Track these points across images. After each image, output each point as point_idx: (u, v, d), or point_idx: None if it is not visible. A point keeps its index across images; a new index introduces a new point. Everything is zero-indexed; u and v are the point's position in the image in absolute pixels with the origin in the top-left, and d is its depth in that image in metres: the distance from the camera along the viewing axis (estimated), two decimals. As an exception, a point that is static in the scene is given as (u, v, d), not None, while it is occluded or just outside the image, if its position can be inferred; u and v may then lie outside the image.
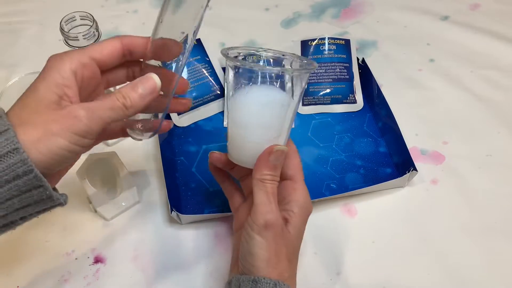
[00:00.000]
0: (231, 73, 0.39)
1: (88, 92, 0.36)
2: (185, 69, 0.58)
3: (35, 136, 0.30)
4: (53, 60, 0.34)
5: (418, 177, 0.53)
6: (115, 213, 0.50)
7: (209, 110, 0.59)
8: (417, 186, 0.53)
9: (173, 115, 0.57)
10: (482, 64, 0.66)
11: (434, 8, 0.75)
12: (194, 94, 0.58)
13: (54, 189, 0.34)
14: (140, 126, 0.38)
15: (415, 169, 0.50)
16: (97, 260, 0.47)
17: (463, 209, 0.51)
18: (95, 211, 0.50)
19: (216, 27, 0.73)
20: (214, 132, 0.58)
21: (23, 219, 0.33)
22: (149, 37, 0.37)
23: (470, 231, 0.49)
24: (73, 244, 0.48)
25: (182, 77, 0.39)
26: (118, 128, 0.40)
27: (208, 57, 0.60)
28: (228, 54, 0.38)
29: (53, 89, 0.32)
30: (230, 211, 0.50)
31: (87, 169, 0.47)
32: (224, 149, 0.55)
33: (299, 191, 0.39)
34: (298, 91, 0.38)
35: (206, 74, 0.59)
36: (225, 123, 0.57)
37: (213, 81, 0.59)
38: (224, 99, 0.59)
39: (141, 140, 0.39)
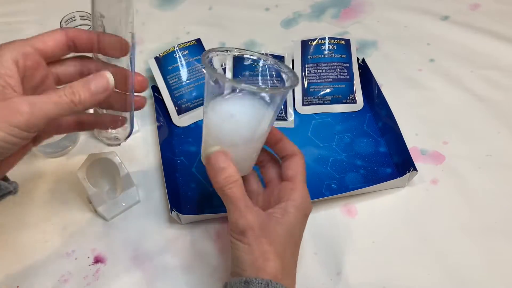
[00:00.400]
0: (210, 83, 0.38)
1: (35, 83, 0.35)
2: (185, 69, 0.58)
3: None
4: None
5: (418, 177, 0.53)
6: (115, 213, 0.50)
7: None
8: (417, 186, 0.53)
9: (173, 115, 0.57)
10: (482, 64, 0.66)
11: (434, 8, 0.75)
12: (194, 94, 0.58)
13: (4, 178, 0.34)
14: (110, 129, 0.39)
15: (415, 169, 0.50)
16: (97, 260, 0.47)
17: (463, 209, 0.51)
18: (95, 211, 0.50)
19: (216, 27, 0.73)
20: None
21: None
22: (94, 31, 0.36)
23: (470, 231, 0.49)
24: (73, 244, 0.48)
25: (139, 74, 0.38)
26: (71, 122, 0.40)
27: None
28: (209, 58, 0.38)
29: None
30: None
31: (87, 168, 0.47)
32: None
33: (296, 191, 0.39)
34: (275, 104, 0.38)
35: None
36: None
37: None
38: None
39: (119, 144, 0.40)
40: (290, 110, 0.59)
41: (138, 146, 0.57)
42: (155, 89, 0.59)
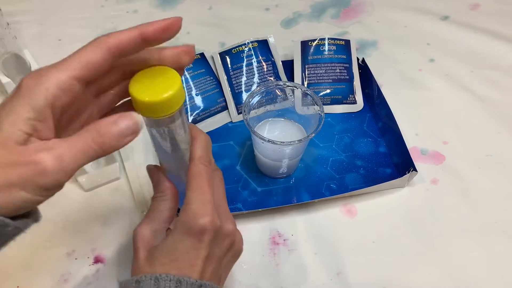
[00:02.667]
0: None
1: (71, 114, 0.31)
2: (190, 83, 0.59)
3: None
4: (26, 84, 0.27)
5: (418, 177, 0.53)
6: (93, 185, 0.52)
7: (216, 121, 0.59)
8: (417, 186, 0.53)
9: None
10: (482, 64, 0.66)
11: (434, 8, 0.75)
12: (200, 107, 0.58)
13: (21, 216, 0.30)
14: None
15: (415, 169, 0.50)
16: (97, 260, 0.47)
17: (463, 209, 0.51)
18: (76, 180, 0.51)
19: (216, 27, 0.73)
20: (214, 132, 0.58)
21: None
22: (138, 27, 0.29)
23: (470, 231, 0.49)
24: (73, 244, 0.48)
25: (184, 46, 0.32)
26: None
27: (212, 70, 0.61)
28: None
29: (20, 127, 0.26)
30: (230, 211, 0.50)
31: None
32: (225, 148, 0.55)
33: (184, 205, 0.34)
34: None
35: (212, 86, 0.59)
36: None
37: (218, 93, 0.59)
38: (229, 111, 0.59)
39: None
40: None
41: (137, 146, 0.57)
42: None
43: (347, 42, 0.62)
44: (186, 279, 0.32)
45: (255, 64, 0.60)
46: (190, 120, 0.58)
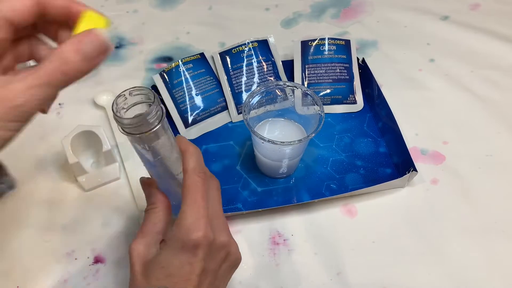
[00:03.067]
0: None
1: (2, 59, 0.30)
2: (190, 83, 0.59)
3: None
4: None
5: (418, 177, 0.53)
6: (93, 185, 0.51)
7: (216, 121, 0.59)
8: (417, 186, 0.53)
9: (180, 128, 0.57)
10: (482, 64, 0.66)
11: (434, 8, 0.75)
12: (200, 106, 0.58)
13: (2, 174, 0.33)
14: None
15: (415, 169, 0.50)
16: (97, 260, 0.47)
17: (463, 209, 0.51)
18: (76, 180, 0.52)
19: (216, 27, 0.73)
20: (214, 131, 0.58)
21: None
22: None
23: (470, 231, 0.49)
24: (73, 244, 0.48)
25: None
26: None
27: (212, 70, 0.61)
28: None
29: None
30: (230, 211, 0.50)
31: (72, 138, 0.50)
32: (225, 148, 0.55)
33: (178, 220, 0.34)
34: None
35: (212, 86, 0.59)
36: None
37: (218, 93, 0.60)
38: (229, 111, 0.59)
39: None
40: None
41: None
42: (155, 89, 0.59)
43: (347, 42, 0.62)
44: None
45: (255, 64, 0.60)
46: (190, 121, 0.58)
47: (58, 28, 0.31)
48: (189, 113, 0.58)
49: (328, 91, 0.60)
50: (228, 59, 0.60)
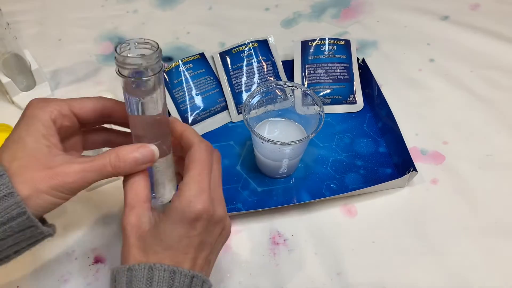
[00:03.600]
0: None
1: (67, 144, 0.38)
2: (190, 83, 0.59)
3: (25, 194, 0.32)
4: (32, 107, 0.35)
5: (418, 177, 0.53)
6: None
7: (216, 121, 0.59)
8: (417, 186, 0.53)
9: None
10: (482, 64, 0.66)
11: (434, 8, 0.75)
12: (200, 106, 0.58)
13: (43, 220, 0.36)
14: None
15: (415, 169, 0.50)
16: (97, 260, 0.47)
17: (463, 209, 0.51)
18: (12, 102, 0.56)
19: (216, 27, 0.73)
20: (214, 131, 0.58)
21: (17, 253, 0.35)
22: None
23: (470, 231, 0.49)
24: (73, 244, 0.48)
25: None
26: (100, 142, 0.42)
27: (212, 70, 0.61)
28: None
29: (41, 141, 0.34)
30: (230, 211, 0.50)
31: (3, 62, 0.54)
32: (225, 148, 0.55)
33: (178, 191, 0.35)
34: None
35: (212, 86, 0.59)
36: None
37: (218, 93, 0.59)
38: (229, 111, 0.59)
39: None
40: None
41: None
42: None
43: (347, 42, 0.62)
44: (180, 269, 0.33)
45: (255, 64, 0.60)
46: (190, 121, 0.58)
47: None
48: (189, 113, 0.58)
49: (328, 91, 0.60)
50: (228, 59, 0.60)
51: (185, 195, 0.34)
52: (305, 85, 0.60)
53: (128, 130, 0.38)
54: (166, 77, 0.58)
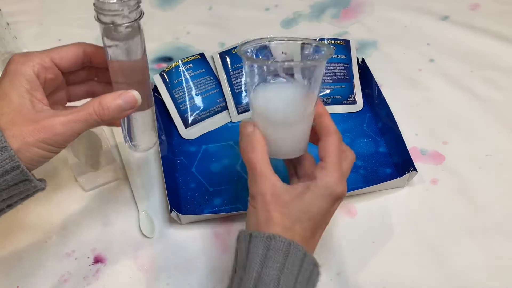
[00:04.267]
0: (248, 70, 0.39)
1: (49, 91, 0.38)
2: (190, 83, 0.59)
3: (15, 148, 0.33)
4: (15, 63, 0.35)
5: (418, 177, 0.53)
6: (93, 185, 0.52)
7: (216, 121, 0.59)
8: (417, 186, 0.53)
9: (180, 128, 0.57)
10: (482, 64, 0.66)
11: (434, 8, 0.75)
12: (200, 106, 0.58)
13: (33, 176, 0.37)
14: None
15: (414, 169, 0.50)
16: (97, 260, 0.47)
17: (463, 209, 0.51)
18: (76, 180, 0.52)
19: (216, 27, 0.73)
20: (214, 132, 0.58)
21: (10, 206, 0.36)
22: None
23: (470, 231, 0.49)
24: (73, 244, 0.48)
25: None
26: (83, 92, 0.43)
27: (212, 70, 0.61)
28: (245, 50, 0.39)
29: (25, 96, 0.34)
30: (230, 211, 0.50)
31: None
32: (225, 149, 0.55)
33: (323, 171, 0.37)
34: (310, 84, 0.39)
35: (212, 86, 0.59)
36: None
37: (218, 93, 0.60)
38: (229, 111, 0.59)
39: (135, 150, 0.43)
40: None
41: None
42: (155, 89, 0.59)
43: (347, 42, 0.62)
44: (310, 255, 0.36)
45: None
46: (190, 121, 0.58)
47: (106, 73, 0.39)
48: (189, 113, 0.58)
49: (328, 91, 0.60)
50: (228, 59, 0.60)
51: (333, 176, 0.37)
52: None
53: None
54: (166, 77, 0.58)
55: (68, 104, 0.42)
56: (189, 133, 0.58)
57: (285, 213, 0.36)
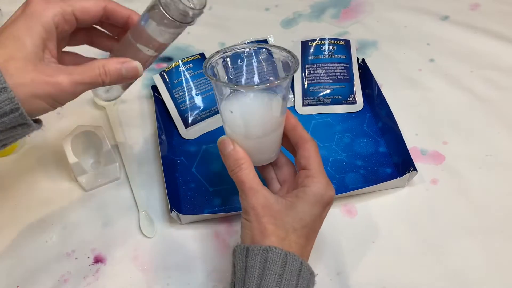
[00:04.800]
0: (215, 85, 0.41)
1: (60, 44, 0.38)
2: (190, 83, 0.59)
3: (21, 96, 0.32)
4: (35, 4, 0.34)
5: (418, 177, 0.53)
6: (93, 185, 0.52)
7: (216, 121, 0.59)
8: (417, 186, 0.53)
9: (181, 128, 0.57)
10: (482, 64, 0.66)
11: (434, 8, 0.75)
12: (201, 106, 0.58)
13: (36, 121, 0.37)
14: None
15: (415, 169, 0.50)
16: (97, 260, 0.47)
17: (463, 209, 0.51)
18: (76, 180, 0.52)
19: (216, 27, 0.73)
20: (214, 132, 0.58)
21: (3, 146, 0.36)
22: (134, 12, 0.40)
23: (470, 231, 0.49)
24: (73, 244, 0.48)
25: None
26: (83, 39, 0.42)
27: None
28: (210, 64, 0.42)
29: (39, 45, 0.33)
30: (230, 211, 0.50)
31: (72, 138, 0.50)
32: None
33: (310, 178, 0.38)
34: (281, 93, 0.40)
35: (211, 86, 0.59)
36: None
37: None
38: None
39: (115, 98, 0.44)
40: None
41: (138, 145, 0.57)
42: (155, 89, 0.59)
43: (347, 42, 0.62)
44: (306, 264, 0.36)
45: (255, 64, 0.60)
46: (190, 121, 0.58)
47: (116, 28, 0.41)
48: (189, 113, 0.58)
49: (328, 91, 0.60)
50: (228, 60, 0.60)
51: (321, 182, 0.38)
52: (305, 85, 0.60)
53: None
54: (166, 77, 0.58)
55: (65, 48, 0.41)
56: (189, 133, 0.58)
57: (279, 224, 0.36)
